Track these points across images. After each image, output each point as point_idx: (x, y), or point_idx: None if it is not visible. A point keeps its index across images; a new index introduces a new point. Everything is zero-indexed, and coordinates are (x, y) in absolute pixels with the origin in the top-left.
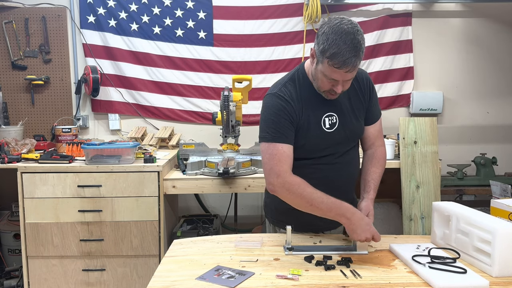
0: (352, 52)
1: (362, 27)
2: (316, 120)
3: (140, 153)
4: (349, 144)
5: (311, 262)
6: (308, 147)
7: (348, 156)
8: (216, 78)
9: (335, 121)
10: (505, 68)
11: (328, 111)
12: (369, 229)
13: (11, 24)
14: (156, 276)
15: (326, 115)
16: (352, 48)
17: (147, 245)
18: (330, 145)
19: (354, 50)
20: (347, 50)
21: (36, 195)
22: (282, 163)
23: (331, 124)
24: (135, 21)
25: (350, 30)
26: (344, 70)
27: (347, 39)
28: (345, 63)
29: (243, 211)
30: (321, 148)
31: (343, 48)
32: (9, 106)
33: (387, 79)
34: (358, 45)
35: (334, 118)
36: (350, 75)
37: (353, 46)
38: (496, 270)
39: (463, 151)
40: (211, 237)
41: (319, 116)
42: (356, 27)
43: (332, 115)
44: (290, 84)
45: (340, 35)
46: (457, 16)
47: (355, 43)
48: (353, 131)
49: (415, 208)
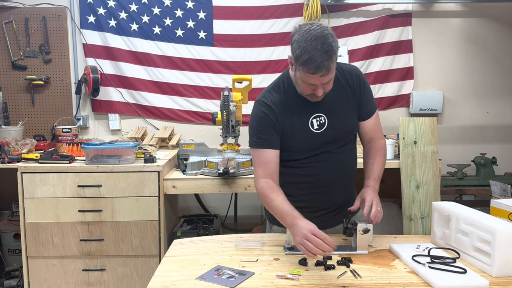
0: (324, 56)
1: (362, 27)
2: (304, 123)
3: (140, 153)
4: (341, 142)
5: (306, 264)
6: (297, 149)
7: (342, 153)
8: (216, 78)
9: (323, 122)
10: (505, 68)
11: (316, 112)
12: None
13: (11, 24)
14: (156, 276)
15: (313, 116)
16: (323, 53)
17: (147, 245)
18: (321, 145)
19: (325, 54)
20: (319, 55)
21: (36, 195)
22: (259, 168)
23: (319, 125)
24: (135, 21)
25: (319, 34)
26: (319, 74)
27: (317, 44)
28: (319, 68)
29: (243, 211)
30: (311, 148)
31: (314, 54)
32: (9, 106)
33: (387, 79)
34: (329, 48)
35: (322, 119)
36: (327, 78)
37: (324, 50)
38: (496, 270)
39: (463, 151)
40: (211, 237)
41: (307, 118)
42: (326, 30)
43: (320, 116)
44: (275, 90)
45: (310, 41)
46: (457, 16)
47: (325, 47)
48: (343, 129)
49: (415, 208)
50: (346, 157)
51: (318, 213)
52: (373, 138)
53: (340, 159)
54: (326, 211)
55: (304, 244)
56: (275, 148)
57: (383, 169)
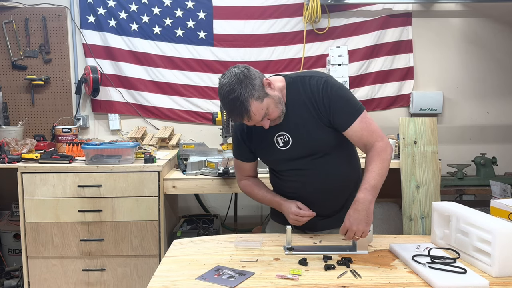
0: (234, 110)
1: (362, 27)
2: (269, 141)
3: (140, 153)
4: (313, 156)
5: (306, 264)
6: (271, 163)
7: (318, 166)
8: (216, 78)
9: (287, 139)
10: (505, 68)
11: (279, 131)
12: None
13: (11, 24)
14: (156, 276)
15: (277, 135)
16: (229, 102)
17: (147, 245)
18: (290, 160)
19: (231, 103)
20: (228, 107)
21: (36, 195)
22: (237, 172)
23: (284, 142)
24: (135, 21)
25: (227, 86)
26: (242, 120)
27: (225, 99)
28: (235, 118)
29: (243, 211)
30: (283, 163)
31: (226, 107)
32: (9, 106)
33: (387, 79)
34: (234, 95)
35: (286, 137)
36: (255, 120)
37: (230, 100)
38: (496, 270)
39: (463, 151)
40: (211, 237)
41: (271, 137)
42: (235, 77)
43: (283, 134)
44: None
45: (222, 97)
46: (457, 16)
47: (231, 96)
48: (309, 144)
49: (415, 208)
50: (326, 171)
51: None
52: (367, 144)
53: (317, 173)
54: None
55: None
56: (249, 161)
57: (381, 174)
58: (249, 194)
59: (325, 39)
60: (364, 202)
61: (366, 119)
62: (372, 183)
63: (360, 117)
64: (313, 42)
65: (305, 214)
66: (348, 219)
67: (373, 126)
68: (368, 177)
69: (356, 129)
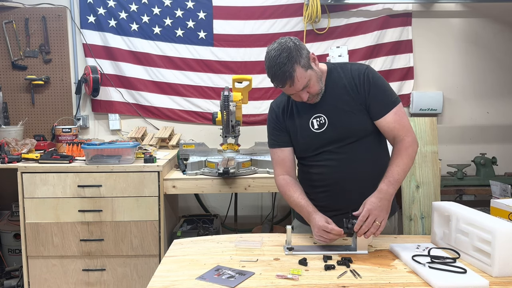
0: (277, 68)
1: (362, 27)
2: (305, 123)
3: (140, 153)
4: (346, 140)
5: (306, 264)
6: (301, 147)
7: (348, 152)
8: (216, 78)
9: (323, 122)
10: (505, 68)
11: (316, 113)
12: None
13: (11, 24)
14: (156, 276)
15: (314, 117)
16: (276, 65)
17: (147, 245)
18: (324, 144)
19: (277, 66)
20: (273, 70)
21: (36, 195)
22: (276, 167)
23: (319, 125)
24: (135, 21)
25: (276, 51)
26: (284, 85)
27: (271, 61)
28: (278, 81)
29: (243, 211)
30: (315, 147)
31: (271, 71)
32: (9, 106)
33: (387, 79)
34: (281, 59)
35: (322, 119)
36: (296, 87)
37: (276, 63)
38: (496, 270)
39: (463, 151)
40: (211, 237)
41: (307, 118)
42: (284, 44)
43: (320, 116)
44: (282, 94)
45: (268, 61)
46: (457, 16)
47: (278, 60)
48: (345, 128)
49: (415, 208)
50: (356, 157)
51: (329, 214)
52: (397, 137)
53: (347, 158)
54: (337, 212)
55: (319, 238)
56: (286, 146)
57: (405, 170)
58: (283, 194)
59: (325, 39)
60: (386, 193)
61: (400, 112)
62: (396, 177)
63: (395, 109)
64: (313, 42)
65: (333, 229)
66: (370, 204)
67: (405, 120)
68: (393, 171)
69: (389, 120)
